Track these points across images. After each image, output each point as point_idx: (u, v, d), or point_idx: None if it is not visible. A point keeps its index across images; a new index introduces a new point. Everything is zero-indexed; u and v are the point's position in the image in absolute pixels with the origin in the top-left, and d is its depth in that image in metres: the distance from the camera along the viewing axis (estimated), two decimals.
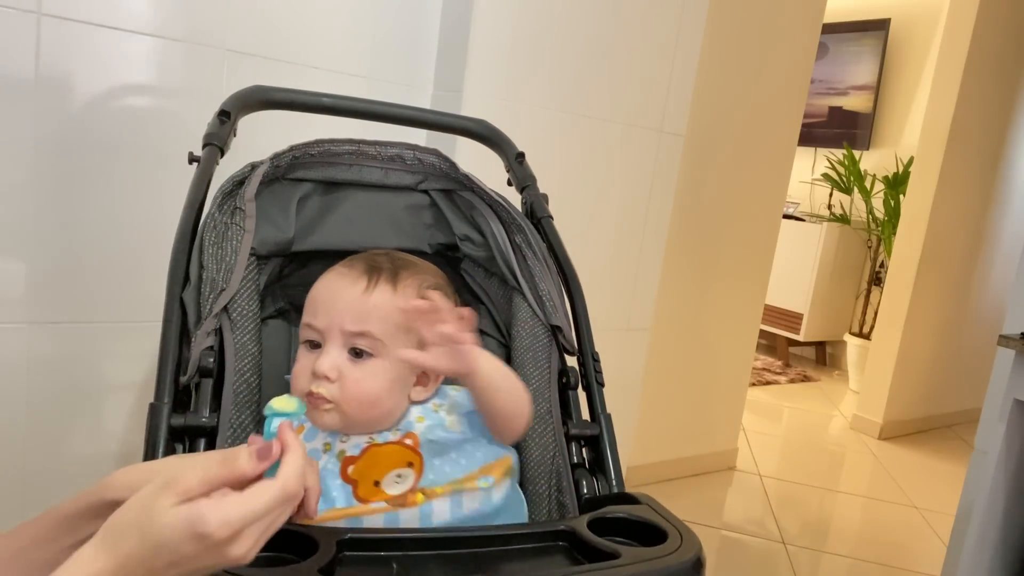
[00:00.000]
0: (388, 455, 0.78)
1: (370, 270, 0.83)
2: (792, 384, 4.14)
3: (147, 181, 1.46)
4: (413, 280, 0.85)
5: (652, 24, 1.93)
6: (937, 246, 3.31)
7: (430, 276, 0.88)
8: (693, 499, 2.51)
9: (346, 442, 0.80)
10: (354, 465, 0.77)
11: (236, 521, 0.56)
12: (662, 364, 2.46)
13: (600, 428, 0.99)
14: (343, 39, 1.64)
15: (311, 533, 0.66)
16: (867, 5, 4.43)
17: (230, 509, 0.56)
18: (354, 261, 0.86)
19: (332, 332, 0.80)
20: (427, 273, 0.88)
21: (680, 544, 0.71)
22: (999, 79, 3.30)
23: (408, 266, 0.87)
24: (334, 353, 0.79)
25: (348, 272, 0.84)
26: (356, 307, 0.80)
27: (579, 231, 1.93)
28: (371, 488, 0.77)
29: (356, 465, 0.77)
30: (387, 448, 0.78)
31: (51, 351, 1.43)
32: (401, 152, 1.06)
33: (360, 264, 0.85)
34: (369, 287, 0.81)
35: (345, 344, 0.80)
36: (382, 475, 0.77)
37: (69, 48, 1.35)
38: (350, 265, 0.85)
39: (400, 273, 0.85)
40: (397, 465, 0.77)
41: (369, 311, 0.80)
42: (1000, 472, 1.48)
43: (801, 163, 4.39)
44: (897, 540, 2.41)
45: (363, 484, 0.77)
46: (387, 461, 0.77)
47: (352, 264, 0.85)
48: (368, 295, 0.81)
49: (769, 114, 2.54)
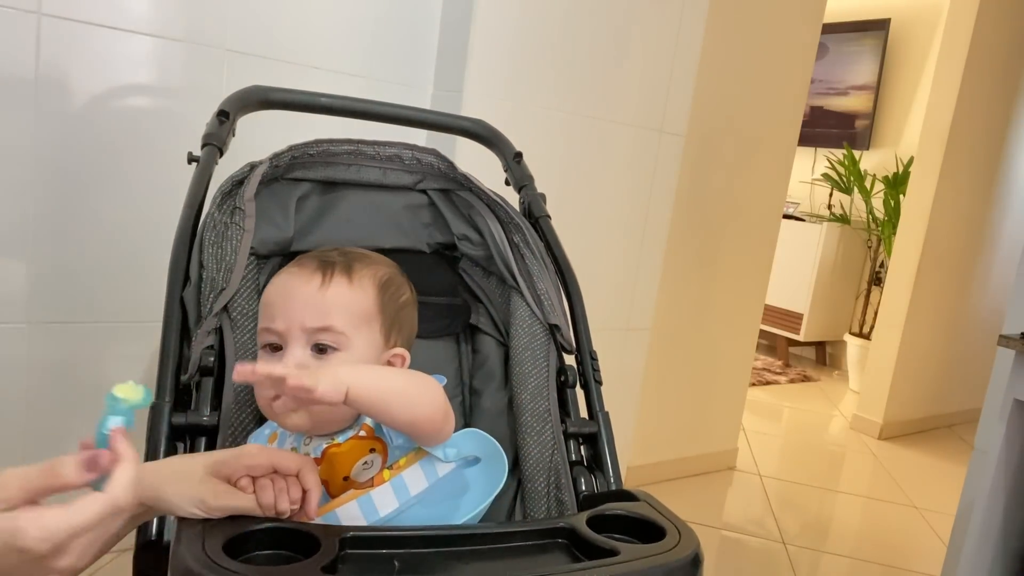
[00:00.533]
0: (347, 452, 0.77)
1: (323, 265, 0.82)
2: (792, 384, 4.14)
3: (147, 181, 1.47)
4: (367, 271, 0.84)
5: (652, 24, 1.93)
6: (937, 246, 3.32)
7: (383, 267, 0.88)
8: (693, 499, 2.51)
9: (308, 445, 0.79)
10: (320, 466, 0.77)
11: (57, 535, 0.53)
12: (662, 364, 2.46)
13: (598, 426, 0.99)
14: (343, 39, 1.64)
15: (313, 532, 0.66)
16: (867, 5, 4.43)
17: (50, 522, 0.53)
18: (304, 259, 0.85)
19: (292, 332, 0.78)
20: (380, 264, 0.88)
21: (678, 541, 0.71)
22: (999, 79, 3.30)
23: (360, 258, 0.86)
24: (297, 352, 0.78)
25: (300, 271, 0.82)
26: (314, 303, 0.79)
27: (579, 231, 1.93)
28: (341, 484, 0.77)
29: (322, 466, 0.77)
30: (345, 446, 0.78)
31: (51, 351, 1.44)
32: (399, 152, 1.06)
33: (311, 262, 0.83)
34: (325, 282, 0.81)
35: (308, 342, 0.79)
36: (348, 470, 0.77)
37: (69, 48, 1.35)
38: (300, 264, 0.84)
39: (353, 265, 0.84)
40: (360, 456, 0.77)
41: (328, 305, 0.79)
42: (1000, 472, 1.48)
43: (801, 163, 4.40)
44: (897, 540, 2.41)
45: (333, 481, 0.77)
46: (347, 458, 0.77)
47: (302, 263, 0.84)
48: (325, 289, 0.80)
49: (769, 114, 2.55)
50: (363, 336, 0.81)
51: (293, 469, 0.69)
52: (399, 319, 0.86)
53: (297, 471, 0.69)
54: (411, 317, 0.91)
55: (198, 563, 0.59)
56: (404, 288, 0.90)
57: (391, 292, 0.86)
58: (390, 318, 0.85)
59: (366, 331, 0.82)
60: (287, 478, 0.69)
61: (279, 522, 0.67)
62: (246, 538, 0.64)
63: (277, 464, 0.68)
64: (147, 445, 0.81)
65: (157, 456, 0.81)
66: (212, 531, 0.63)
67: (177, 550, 0.61)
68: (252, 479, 0.68)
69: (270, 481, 0.68)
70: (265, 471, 0.68)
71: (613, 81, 1.91)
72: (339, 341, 0.79)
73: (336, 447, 0.78)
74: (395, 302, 0.87)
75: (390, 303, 0.85)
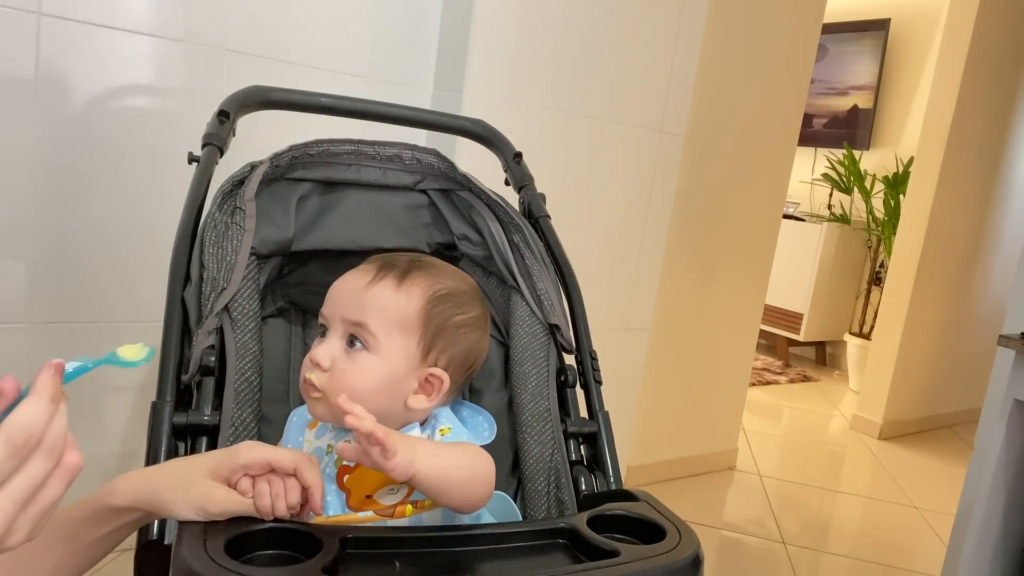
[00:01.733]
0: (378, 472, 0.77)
1: (382, 266, 0.82)
2: (792, 384, 4.14)
3: (147, 181, 1.47)
4: (423, 280, 0.81)
5: (652, 24, 1.93)
6: (937, 246, 3.32)
7: (447, 281, 0.83)
8: (693, 499, 2.51)
9: None
10: (350, 475, 0.77)
11: None
12: (662, 364, 2.46)
13: (598, 426, 0.99)
14: (343, 39, 1.64)
15: (314, 532, 0.66)
16: (867, 5, 4.43)
17: None
18: (375, 258, 0.85)
19: (335, 320, 0.79)
20: (445, 278, 0.84)
21: (679, 541, 0.71)
22: (999, 79, 3.30)
23: (426, 267, 0.83)
24: (332, 342, 0.79)
25: (364, 267, 0.83)
26: (355, 297, 0.79)
27: (579, 231, 1.93)
28: (363, 499, 0.77)
29: (352, 475, 0.77)
30: None
31: (51, 351, 1.44)
32: (400, 152, 1.06)
33: (377, 260, 0.83)
34: (374, 280, 0.80)
35: (344, 333, 0.79)
36: (374, 489, 0.77)
37: (69, 48, 1.35)
38: (369, 261, 0.84)
39: (411, 273, 0.81)
40: (391, 481, 0.76)
41: (367, 302, 0.78)
42: (1000, 472, 1.48)
43: (801, 163, 4.40)
44: (897, 540, 2.41)
45: (356, 494, 0.77)
46: (377, 478, 0.76)
47: (371, 260, 0.84)
48: (370, 287, 0.79)
49: (769, 114, 2.55)
50: (396, 343, 0.79)
51: (289, 467, 0.68)
52: (447, 337, 0.82)
53: (293, 469, 0.68)
54: (468, 340, 0.84)
55: (200, 563, 0.59)
56: (468, 308, 0.84)
57: (444, 307, 0.82)
58: (433, 333, 0.81)
59: (400, 339, 0.79)
60: (286, 479, 0.68)
61: (280, 522, 0.67)
62: (248, 538, 0.64)
63: (273, 461, 0.68)
64: (148, 445, 0.81)
65: (158, 455, 0.81)
66: (213, 531, 0.63)
67: (179, 550, 0.61)
68: (251, 478, 0.68)
69: (267, 484, 0.67)
70: (262, 469, 0.68)
71: (613, 81, 1.91)
72: (369, 341, 0.78)
73: None
74: (447, 318, 0.82)
75: (438, 317, 0.81)
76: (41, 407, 0.50)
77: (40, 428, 0.50)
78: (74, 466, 0.52)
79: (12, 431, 0.48)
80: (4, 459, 0.47)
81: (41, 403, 0.50)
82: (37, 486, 0.49)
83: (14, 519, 0.48)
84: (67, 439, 0.53)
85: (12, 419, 0.48)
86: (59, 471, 0.51)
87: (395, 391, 0.79)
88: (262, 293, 1.00)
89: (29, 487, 0.49)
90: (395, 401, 0.79)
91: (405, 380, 0.80)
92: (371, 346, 0.78)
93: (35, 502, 0.50)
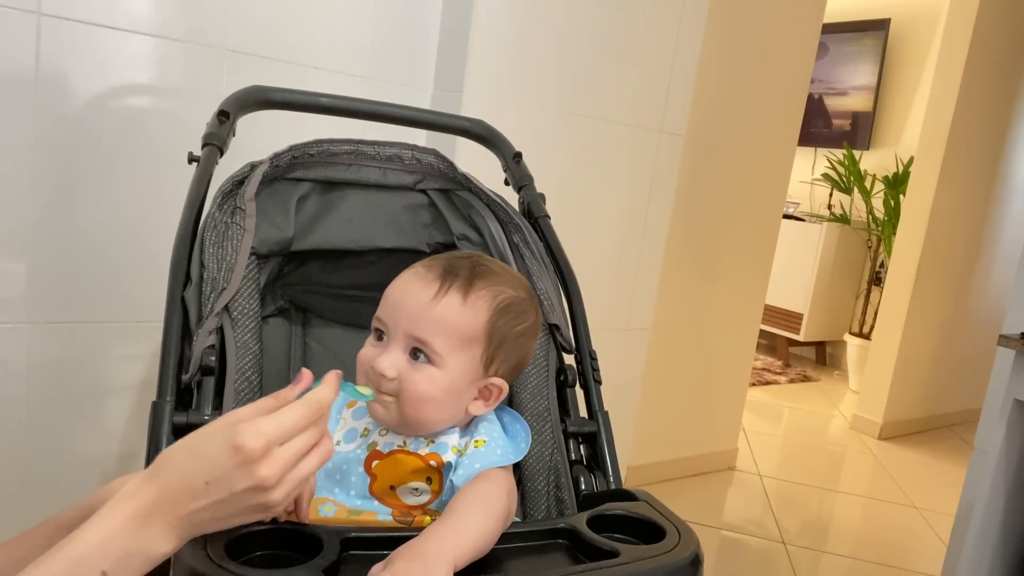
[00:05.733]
0: (406, 465, 0.78)
1: (445, 274, 0.80)
2: (792, 384, 4.14)
3: (147, 181, 1.47)
4: (487, 291, 0.81)
5: (652, 24, 1.93)
6: (937, 246, 3.32)
7: (508, 288, 0.83)
8: (693, 499, 2.51)
9: (383, 436, 0.80)
10: (379, 461, 0.78)
11: (267, 432, 0.59)
12: (662, 364, 2.46)
13: (598, 425, 0.99)
14: (343, 39, 1.64)
15: (316, 532, 0.66)
16: (867, 5, 4.43)
17: (262, 422, 0.60)
18: (433, 261, 0.82)
19: (397, 332, 0.78)
20: (506, 284, 0.83)
21: (678, 541, 0.71)
22: (999, 79, 3.30)
23: (487, 274, 0.82)
24: (395, 353, 0.78)
25: (425, 273, 0.80)
26: (422, 314, 0.78)
27: (579, 231, 1.93)
28: (387, 490, 0.78)
29: (381, 462, 0.78)
30: (413, 458, 0.78)
31: (51, 351, 1.44)
32: (399, 152, 1.06)
33: (437, 266, 0.81)
34: (439, 294, 0.79)
35: (406, 346, 0.78)
36: (400, 482, 0.78)
37: (69, 48, 1.35)
38: (428, 266, 0.82)
39: (475, 283, 0.80)
40: (417, 478, 0.78)
41: (434, 320, 0.78)
42: (1000, 472, 1.48)
43: (801, 163, 4.40)
44: (897, 540, 2.41)
45: (381, 481, 0.78)
46: (404, 471, 0.78)
47: (430, 264, 0.82)
48: (436, 302, 0.78)
49: (769, 114, 2.55)
50: (460, 359, 0.79)
51: None
52: (508, 347, 0.83)
53: None
54: (524, 347, 0.86)
55: (200, 564, 0.59)
56: (527, 315, 0.85)
57: (508, 318, 0.82)
58: (496, 345, 0.81)
59: (465, 355, 0.79)
60: None
61: (281, 523, 0.67)
62: (248, 539, 0.64)
63: None
64: (148, 444, 0.81)
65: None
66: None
67: (179, 551, 0.61)
68: None
69: None
70: None
71: (613, 81, 1.91)
72: (434, 358, 0.78)
73: (404, 453, 0.79)
74: (509, 329, 0.82)
75: (502, 329, 0.81)
76: (329, 394, 0.65)
77: (326, 407, 0.65)
78: (329, 449, 0.65)
79: (311, 401, 0.63)
80: (301, 417, 0.62)
81: (329, 392, 0.66)
82: (306, 452, 0.62)
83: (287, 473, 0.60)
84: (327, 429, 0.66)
85: (311, 395, 0.64)
86: (318, 450, 0.64)
87: (457, 400, 0.81)
88: (262, 293, 1.00)
89: (305, 448, 0.62)
90: (457, 409, 0.81)
91: (467, 390, 0.81)
92: (436, 363, 0.78)
93: (300, 466, 0.62)
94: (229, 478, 0.58)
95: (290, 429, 0.61)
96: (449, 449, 0.79)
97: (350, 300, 1.08)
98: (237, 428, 0.59)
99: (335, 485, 0.78)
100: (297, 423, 0.61)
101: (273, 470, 0.59)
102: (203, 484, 0.58)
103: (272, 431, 0.59)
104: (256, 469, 0.58)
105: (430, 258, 0.84)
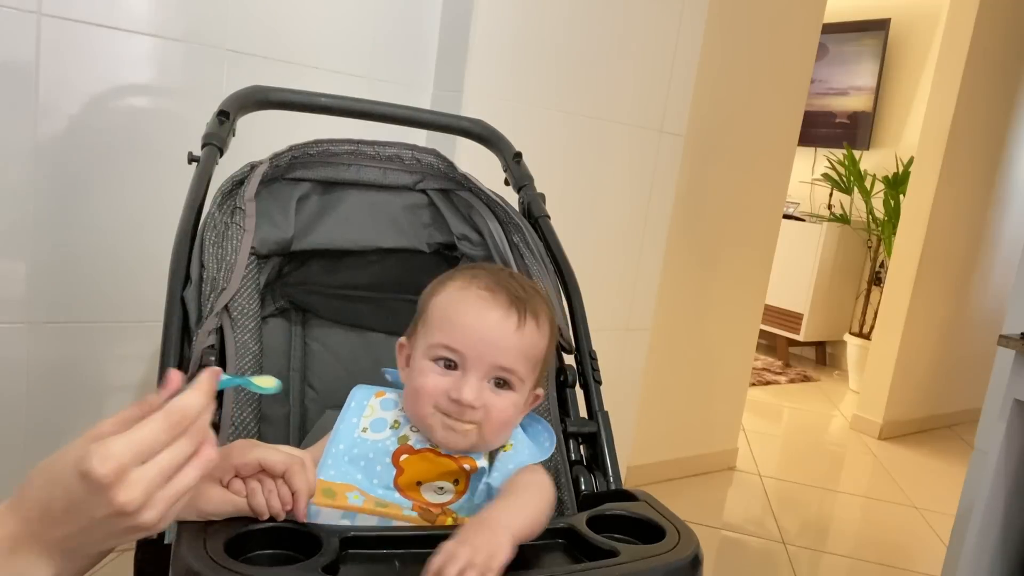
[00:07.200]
0: (436, 464, 0.79)
1: (516, 302, 0.80)
2: (792, 384, 4.14)
3: (147, 181, 1.47)
4: (546, 315, 0.84)
5: (652, 24, 1.94)
6: (937, 246, 3.32)
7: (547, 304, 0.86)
8: (693, 499, 2.51)
9: (415, 432, 0.80)
10: (409, 456, 0.79)
11: (118, 453, 0.51)
12: (662, 364, 2.46)
13: (598, 425, 0.99)
14: (343, 39, 1.64)
15: (314, 531, 0.66)
16: (867, 5, 4.43)
17: (113, 443, 0.52)
18: (493, 286, 0.81)
19: (480, 363, 0.78)
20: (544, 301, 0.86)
21: (678, 541, 0.71)
22: (999, 79, 3.30)
23: (536, 296, 0.84)
24: (478, 383, 0.78)
25: (494, 300, 0.80)
26: (511, 345, 0.79)
27: (579, 231, 1.93)
28: (412, 485, 0.78)
29: (411, 457, 0.79)
30: (447, 459, 0.79)
31: (51, 351, 1.44)
32: (399, 152, 1.06)
33: (502, 293, 0.81)
34: (520, 324, 0.80)
35: (488, 375, 0.79)
36: (427, 479, 0.78)
37: (69, 48, 1.35)
38: (491, 290, 0.81)
39: (539, 306, 0.83)
40: (444, 477, 0.78)
41: (522, 349, 0.80)
42: (1000, 472, 1.48)
43: (801, 163, 4.39)
44: (897, 540, 2.41)
45: (408, 476, 0.78)
46: (433, 469, 0.78)
47: (493, 290, 0.81)
48: (521, 332, 0.80)
49: (769, 114, 2.55)
50: (531, 380, 0.83)
51: (279, 470, 0.68)
52: (548, 360, 0.87)
53: (284, 472, 0.68)
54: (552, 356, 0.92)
55: (200, 563, 0.59)
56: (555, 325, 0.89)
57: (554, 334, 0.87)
58: (547, 360, 0.86)
59: (535, 375, 0.83)
60: (276, 479, 0.68)
61: (280, 522, 0.67)
62: (247, 538, 0.65)
63: (264, 463, 0.68)
64: None
65: None
66: (213, 531, 0.63)
67: (178, 550, 0.61)
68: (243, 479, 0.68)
69: (259, 484, 0.67)
70: (253, 470, 0.68)
71: (613, 81, 1.91)
72: (515, 383, 0.81)
73: (435, 453, 0.79)
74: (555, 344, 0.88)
75: (552, 345, 0.86)
76: (197, 399, 0.57)
77: (194, 415, 0.57)
78: (210, 458, 0.58)
79: (172, 410, 0.55)
80: (160, 431, 0.54)
81: (198, 396, 0.57)
82: (178, 466, 0.55)
83: (153, 493, 0.53)
84: (208, 434, 0.59)
85: (174, 403, 0.56)
86: (196, 459, 0.57)
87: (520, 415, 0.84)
88: (262, 293, 1.00)
89: (172, 464, 0.55)
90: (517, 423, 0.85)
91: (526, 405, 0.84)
92: (517, 387, 0.81)
93: (173, 482, 0.55)
94: (85, 506, 0.52)
95: (148, 446, 0.53)
96: (483, 454, 0.80)
97: (350, 300, 1.08)
98: (87, 451, 0.51)
99: (358, 471, 0.78)
100: (156, 438, 0.54)
101: (133, 495, 0.52)
102: (62, 512, 0.53)
103: (123, 452, 0.52)
104: (112, 496, 0.51)
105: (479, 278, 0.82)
